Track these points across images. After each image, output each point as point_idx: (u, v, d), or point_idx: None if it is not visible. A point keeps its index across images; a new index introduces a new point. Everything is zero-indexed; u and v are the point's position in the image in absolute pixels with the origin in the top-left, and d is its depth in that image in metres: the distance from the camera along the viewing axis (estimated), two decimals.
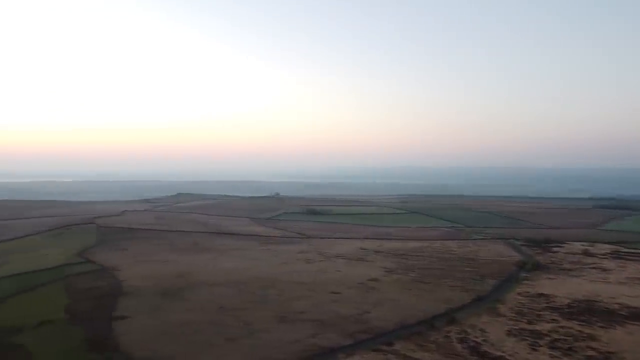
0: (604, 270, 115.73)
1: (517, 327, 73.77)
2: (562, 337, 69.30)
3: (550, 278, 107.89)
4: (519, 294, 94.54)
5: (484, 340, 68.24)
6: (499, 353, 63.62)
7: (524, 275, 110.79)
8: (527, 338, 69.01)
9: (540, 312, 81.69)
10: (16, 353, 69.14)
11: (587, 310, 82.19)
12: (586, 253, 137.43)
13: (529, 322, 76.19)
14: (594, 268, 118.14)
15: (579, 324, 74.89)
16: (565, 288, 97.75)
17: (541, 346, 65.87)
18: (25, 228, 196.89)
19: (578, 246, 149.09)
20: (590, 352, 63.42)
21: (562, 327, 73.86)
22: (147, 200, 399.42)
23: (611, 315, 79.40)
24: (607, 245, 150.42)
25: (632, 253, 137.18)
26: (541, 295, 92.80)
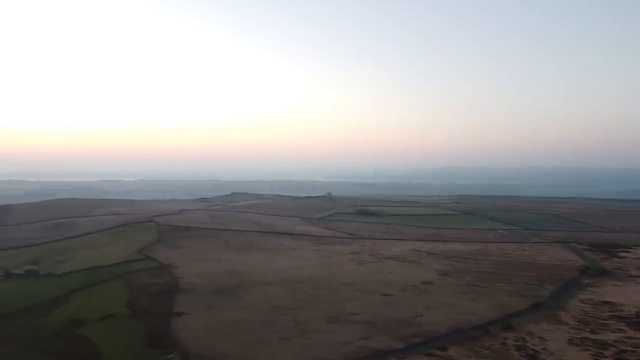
0: None
1: (579, 336, 70.42)
2: (630, 348, 65.51)
3: (616, 285, 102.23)
4: (581, 301, 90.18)
5: (543, 349, 65.63)
6: None
7: (587, 281, 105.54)
8: (590, 348, 65.72)
9: (605, 321, 77.54)
10: (84, 345, 73.30)
11: None
12: None
13: (593, 331, 72.55)
14: None
15: None
16: (633, 296, 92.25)
17: (606, 357, 62.58)
18: (89, 226, 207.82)
19: None
20: None
21: (629, 337, 69.80)
22: (202, 199, 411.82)
23: None
24: None
25: None
26: (606, 303, 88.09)
